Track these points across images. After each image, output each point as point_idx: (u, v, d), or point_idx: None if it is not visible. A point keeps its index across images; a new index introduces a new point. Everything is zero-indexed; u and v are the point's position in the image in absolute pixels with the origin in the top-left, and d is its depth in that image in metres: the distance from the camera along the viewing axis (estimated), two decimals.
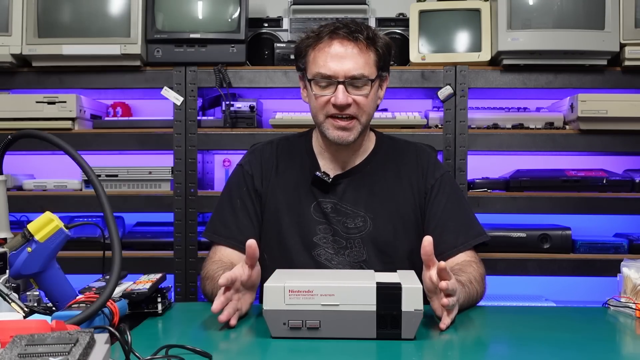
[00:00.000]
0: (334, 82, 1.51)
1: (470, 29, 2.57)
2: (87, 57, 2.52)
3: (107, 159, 2.76)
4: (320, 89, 1.53)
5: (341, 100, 1.49)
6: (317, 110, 1.55)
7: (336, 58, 1.50)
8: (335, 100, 1.50)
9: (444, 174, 1.65)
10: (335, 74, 1.50)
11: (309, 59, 1.55)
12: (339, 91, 1.50)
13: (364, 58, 1.51)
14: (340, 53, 1.50)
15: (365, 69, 1.51)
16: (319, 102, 1.53)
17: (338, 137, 1.54)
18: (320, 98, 1.53)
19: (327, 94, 1.52)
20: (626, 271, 1.42)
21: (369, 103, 1.54)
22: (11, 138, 1.16)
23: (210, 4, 2.59)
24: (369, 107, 1.55)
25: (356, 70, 1.50)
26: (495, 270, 2.46)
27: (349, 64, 1.50)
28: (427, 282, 1.25)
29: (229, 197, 1.65)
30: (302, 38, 1.58)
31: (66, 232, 1.17)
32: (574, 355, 1.09)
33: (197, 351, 1.01)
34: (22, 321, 0.89)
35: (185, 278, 2.55)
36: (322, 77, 1.51)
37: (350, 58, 1.50)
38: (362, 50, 1.51)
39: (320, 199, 1.60)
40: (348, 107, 1.51)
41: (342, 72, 1.49)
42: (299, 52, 1.59)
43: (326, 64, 1.50)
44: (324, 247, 1.58)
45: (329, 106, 1.52)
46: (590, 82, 2.51)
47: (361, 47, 1.51)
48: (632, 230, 2.66)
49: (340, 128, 1.53)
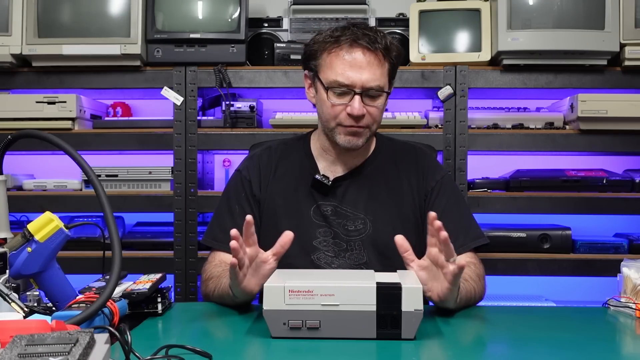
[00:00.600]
0: (350, 91, 1.50)
1: (470, 29, 2.57)
2: (87, 57, 2.52)
3: (107, 159, 2.76)
4: (335, 97, 1.52)
5: (358, 112, 1.49)
6: (329, 117, 1.54)
7: (355, 68, 1.49)
8: (351, 110, 1.49)
9: (444, 176, 1.65)
10: (353, 84, 1.49)
11: (322, 62, 1.53)
12: (355, 102, 1.49)
13: (380, 69, 1.50)
14: (359, 63, 1.49)
15: (381, 80, 1.51)
16: (333, 110, 1.52)
17: (348, 141, 1.53)
18: (336, 107, 1.52)
19: (342, 102, 1.51)
20: (626, 271, 1.42)
21: (381, 113, 1.55)
22: (11, 138, 1.16)
23: (210, 4, 2.59)
24: (380, 117, 1.56)
25: (374, 81, 1.49)
26: (495, 270, 2.46)
27: (367, 75, 1.49)
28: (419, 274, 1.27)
29: (228, 203, 1.65)
30: (317, 39, 1.56)
31: (66, 232, 1.17)
32: (574, 355, 1.09)
33: (197, 351, 1.01)
34: (22, 321, 0.89)
35: (185, 278, 2.55)
36: (339, 85, 1.50)
37: (368, 69, 1.49)
38: (380, 61, 1.50)
39: (320, 201, 1.60)
40: (363, 118, 1.51)
41: (360, 83, 1.48)
42: (311, 53, 1.56)
43: (344, 72, 1.49)
44: (323, 250, 1.57)
45: (343, 115, 1.51)
46: (590, 82, 2.51)
47: (379, 57, 1.50)
48: (632, 230, 2.66)
49: (352, 133, 1.53)
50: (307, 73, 1.61)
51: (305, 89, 1.64)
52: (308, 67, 1.59)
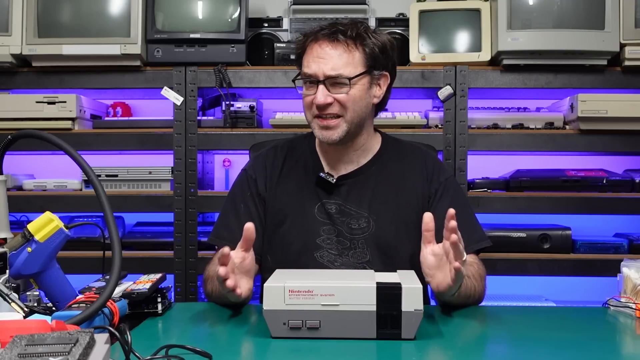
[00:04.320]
0: (315, 82, 1.54)
1: (470, 29, 2.57)
2: (87, 57, 2.52)
3: (107, 159, 2.76)
4: (306, 89, 1.57)
5: (319, 100, 1.52)
6: (305, 111, 1.59)
7: (318, 58, 1.53)
8: (315, 100, 1.53)
9: (448, 178, 1.66)
10: (315, 74, 1.53)
11: (302, 61, 1.59)
12: (319, 91, 1.53)
13: (345, 58, 1.53)
14: (322, 54, 1.53)
15: (346, 69, 1.53)
16: (305, 102, 1.58)
17: (323, 136, 1.56)
18: (306, 98, 1.57)
19: (310, 93, 1.55)
20: (626, 271, 1.42)
21: (354, 101, 1.55)
22: (11, 138, 1.16)
23: (210, 4, 2.59)
24: (356, 104, 1.55)
25: (334, 70, 1.52)
26: (495, 270, 2.45)
27: (327, 65, 1.52)
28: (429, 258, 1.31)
29: (233, 202, 1.66)
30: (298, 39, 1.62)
31: (66, 232, 1.17)
32: (574, 355, 1.09)
33: (197, 351, 1.01)
34: (22, 321, 0.89)
35: (185, 278, 2.55)
36: (304, 76, 1.56)
37: (329, 59, 1.53)
38: (346, 49, 1.53)
39: (325, 199, 1.60)
40: (329, 107, 1.53)
41: (321, 72, 1.52)
42: (297, 54, 1.62)
43: (309, 64, 1.54)
44: (327, 248, 1.57)
45: (314, 107, 1.55)
46: (590, 82, 2.51)
47: (343, 47, 1.54)
48: (632, 230, 2.66)
49: (324, 127, 1.55)
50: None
51: None
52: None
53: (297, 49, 1.61)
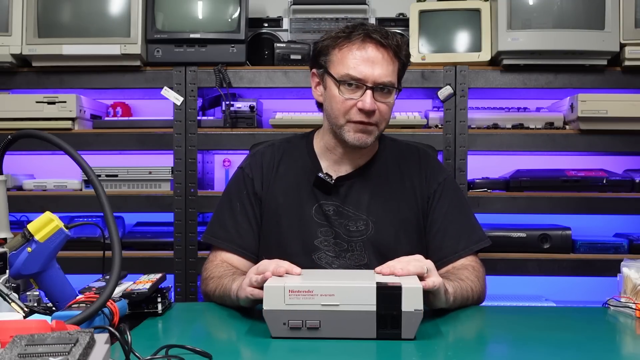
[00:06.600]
0: (362, 86, 1.49)
1: (470, 29, 2.57)
2: (87, 57, 2.51)
3: (107, 159, 2.76)
4: (347, 92, 1.50)
5: (369, 106, 1.47)
6: (339, 113, 1.52)
7: (368, 62, 1.48)
8: (362, 105, 1.48)
9: (447, 178, 1.65)
10: (365, 78, 1.48)
11: (333, 57, 1.52)
12: (367, 96, 1.48)
13: (392, 66, 1.50)
14: (372, 58, 1.48)
15: (393, 77, 1.51)
16: (344, 104, 1.51)
17: (358, 139, 1.51)
18: (346, 101, 1.50)
19: (353, 97, 1.50)
20: (626, 271, 1.42)
21: (390, 111, 1.54)
22: (11, 138, 1.16)
23: (210, 4, 2.59)
24: (389, 116, 1.55)
25: (386, 77, 1.49)
26: (495, 271, 2.45)
27: (379, 70, 1.48)
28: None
29: (229, 201, 1.64)
30: (328, 36, 1.55)
31: (66, 232, 1.17)
32: (574, 355, 1.09)
33: (197, 351, 1.01)
34: (22, 321, 0.89)
35: (185, 278, 2.55)
36: (351, 79, 1.49)
37: (381, 64, 1.48)
38: (391, 58, 1.50)
39: (322, 201, 1.58)
40: (373, 114, 1.50)
41: (372, 78, 1.48)
42: (322, 49, 1.55)
43: (357, 66, 1.48)
44: (324, 250, 1.56)
45: (354, 110, 1.50)
46: (590, 82, 2.51)
47: (391, 55, 1.50)
48: (632, 230, 2.66)
49: (361, 130, 1.51)
50: (316, 71, 1.59)
51: (311, 88, 1.62)
52: (317, 63, 1.57)
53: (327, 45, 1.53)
